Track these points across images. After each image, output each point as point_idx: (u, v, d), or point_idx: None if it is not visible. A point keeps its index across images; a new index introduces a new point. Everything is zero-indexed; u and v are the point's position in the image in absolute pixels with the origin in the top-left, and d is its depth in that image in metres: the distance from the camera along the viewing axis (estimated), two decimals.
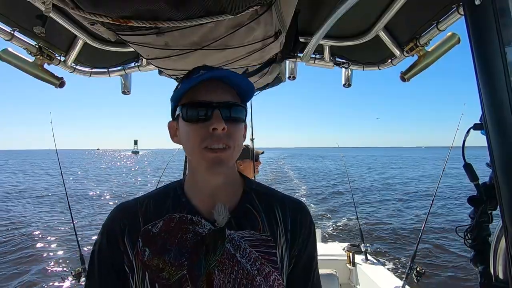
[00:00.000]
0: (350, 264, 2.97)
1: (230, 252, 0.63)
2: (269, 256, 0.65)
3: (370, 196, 14.19)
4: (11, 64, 1.24)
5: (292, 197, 0.77)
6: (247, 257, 0.63)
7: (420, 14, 1.18)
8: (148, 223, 0.66)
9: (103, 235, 0.68)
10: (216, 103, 0.61)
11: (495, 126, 0.63)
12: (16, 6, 1.02)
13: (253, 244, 0.64)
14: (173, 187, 0.72)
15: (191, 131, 0.63)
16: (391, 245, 7.21)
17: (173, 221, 0.65)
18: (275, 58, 1.32)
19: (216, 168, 0.61)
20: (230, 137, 0.62)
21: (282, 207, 0.71)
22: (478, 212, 0.88)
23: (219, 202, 0.65)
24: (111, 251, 0.66)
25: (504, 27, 0.61)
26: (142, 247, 0.63)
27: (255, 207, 0.69)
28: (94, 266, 0.67)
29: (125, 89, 1.77)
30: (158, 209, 0.68)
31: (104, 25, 0.76)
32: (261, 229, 0.66)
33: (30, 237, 7.86)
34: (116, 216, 0.69)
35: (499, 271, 0.77)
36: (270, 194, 0.75)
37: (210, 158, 0.61)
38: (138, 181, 21.93)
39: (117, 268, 0.65)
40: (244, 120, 0.68)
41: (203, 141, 0.61)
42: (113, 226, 0.68)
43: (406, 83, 1.49)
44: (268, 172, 26.04)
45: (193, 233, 0.63)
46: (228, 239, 0.63)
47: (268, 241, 0.66)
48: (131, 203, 0.72)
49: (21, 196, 14.53)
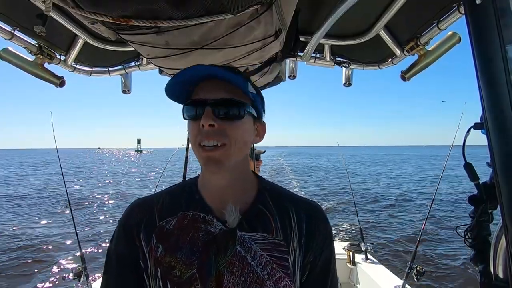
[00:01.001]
0: (350, 263, 2.97)
1: (241, 254, 0.62)
2: (281, 261, 0.63)
3: (371, 196, 14.19)
4: (12, 63, 1.24)
5: (308, 199, 0.75)
6: (258, 260, 0.62)
7: (420, 13, 1.18)
8: (163, 219, 0.66)
9: (120, 229, 0.69)
10: (209, 100, 0.61)
11: (495, 125, 0.63)
12: (17, 5, 1.02)
13: (264, 248, 0.63)
14: (189, 184, 0.73)
15: (190, 128, 0.64)
16: (391, 244, 7.22)
17: (186, 218, 0.65)
18: (276, 57, 1.32)
19: (210, 166, 0.62)
20: (222, 134, 0.60)
21: (297, 210, 0.69)
22: (478, 212, 0.88)
23: (230, 203, 0.64)
24: (127, 246, 0.67)
25: (504, 26, 0.61)
26: (156, 243, 0.64)
27: (269, 208, 0.68)
28: (112, 260, 0.68)
29: (125, 88, 1.77)
30: (173, 205, 0.68)
31: (105, 24, 0.77)
32: (274, 232, 0.65)
33: (30, 236, 7.88)
34: (133, 211, 0.70)
35: (499, 270, 0.77)
36: (284, 195, 0.73)
37: (203, 157, 0.61)
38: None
39: (134, 262, 0.66)
40: (246, 117, 0.65)
41: (196, 138, 0.62)
42: (129, 221, 0.68)
43: (406, 82, 1.48)
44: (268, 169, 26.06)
45: (204, 232, 0.63)
46: (239, 241, 0.62)
47: (281, 245, 0.64)
48: (147, 198, 0.73)
49: (21, 196, 14.55)
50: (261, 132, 0.72)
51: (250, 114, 0.66)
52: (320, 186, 17.80)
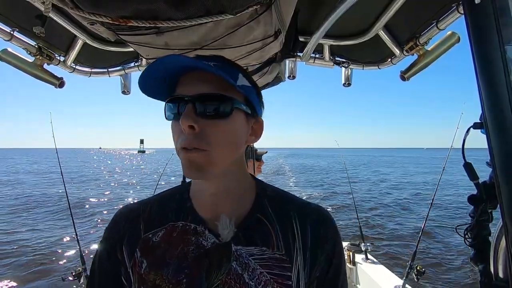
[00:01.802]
0: (350, 263, 2.96)
1: (237, 272, 0.54)
2: (283, 279, 0.55)
3: (370, 195, 14.20)
4: (11, 64, 1.24)
5: (314, 204, 0.66)
6: (256, 279, 0.54)
7: (419, 13, 1.18)
8: (150, 230, 0.59)
9: (103, 242, 0.62)
10: (187, 97, 0.52)
11: (495, 125, 0.63)
12: (16, 6, 1.02)
13: (264, 264, 0.55)
14: (181, 190, 0.65)
15: (172, 130, 0.56)
16: (392, 244, 7.22)
17: (175, 230, 0.57)
18: (275, 58, 1.32)
19: (191, 172, 0.52)
20: (202, 138, 0.51)
21: (301, 218, 0.61)
22: (478, 211, 0.88)
23: (223, 214, 0.57)
24: (110, 260, 0.60)
25: (504, 26, 0.61)
26: (140, 258, 0.56)
27: (268, 217, 0.60)
28: (95, 276, 0.62)
29: (125, 89, 1.77)
30: (162, 214, 0.61)
31: (104, 25, 0.76)
32: (275, 245, 0.57)
33: (29, 235, 7.87)
34: (117, 221, 0.63)
35: (499, 270, 0.77)
36: (286, 201, 0.64)
37: (184, 160, 0.52)
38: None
39: (117, 278, 0.59)
40: (234, 114, 0.54)
41: (178, 140, 0.53)
42: (113, 232, 0.62)
43: (407, 82, 1.49)
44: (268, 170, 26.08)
45: (195, 245, 0.55)
46: (234, 257, 0.54)
47: (283, 261, 0.56)
48: (134, 206, 0.65)
49: (21, 196, 14.54)
50: (257, 131, 0.62)
51: (240, 111, 0.56)
52: (320, 186, 17.80)
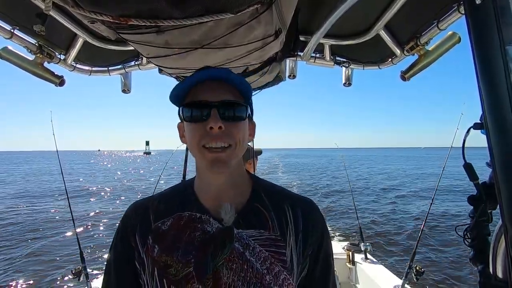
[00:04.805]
0: (350, 263, 2.97)
1: (239, 251, 0.63)
2: (279, 255, 0.64)
3: (370, 195, 14.20)
4: (11, 62, 1.24)
5: (302, 196, 0.77)
6: (256, 255, 0.63)
7: (420, 13, 1.18)
8: (158, 220, 0.68)
9: (118, 232, 0.72)
10: (214, 102, 0.63)
11: (495, 125, 0.63)
12: (16, 4, 1.02)
13: (262, 243, 0.65)
14: (184, 186, 0.74)
15: (192, 131, 0.65)
16: (391, 244, 7.23)
17: (182, 219, 0.67)
18: (275, 57, 1.32)
19: (217, 167, 0.63)
20: (229, 135, 0.63)
21: (293, 206, 0.71)
22: (477, 212, 0.88)
23: (226, 202, 0.66)
24: (125, 248, 0.69)
25: (504, 26, 0.61)
26: (152, 244, 0.65)
27: (264, 205, 0.69)
28: (111, 263, 0.71)
29: (125, 88, 1.77)
30: (169, 207, 0.70)
31: (104, 24, 0.76)
32: (271, 228, 0.66)
33: (29, 235, 7.87)
34: (129, 214, 0.73)
35: (498, 270, 0.77)
36: (279, 192, 0.75)
37: (209, 158, 0.62)
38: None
39: (131, 263, 0.67)
40: (246, 118, 0.68)
41: (201, 140, 0.62)
42: (126, 223, 0.71)
43: (406, 82, 1.48)
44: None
45: (201, 231, 0.64)
46: (236, 238, 0.64)
47: (278, 241, 0.65)
48: (144, 201, 0.75)
49: (21, 195, 14.54)
50: (252, 131, 0.75)
51: (248, 115, 0.69)
52: (320, 186, 17.79)
